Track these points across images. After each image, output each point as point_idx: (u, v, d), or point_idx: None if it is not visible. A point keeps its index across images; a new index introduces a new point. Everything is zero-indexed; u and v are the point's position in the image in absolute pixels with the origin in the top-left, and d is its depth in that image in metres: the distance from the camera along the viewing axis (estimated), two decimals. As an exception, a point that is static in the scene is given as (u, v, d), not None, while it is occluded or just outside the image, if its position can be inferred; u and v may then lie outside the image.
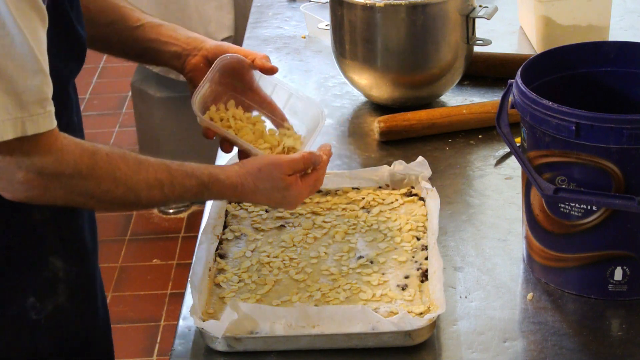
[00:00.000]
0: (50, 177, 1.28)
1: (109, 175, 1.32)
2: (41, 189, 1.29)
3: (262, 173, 1.43)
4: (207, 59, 1.60)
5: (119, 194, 1.34)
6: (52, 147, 1.27)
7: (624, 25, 2.29)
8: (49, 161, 1.27)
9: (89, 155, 1.30)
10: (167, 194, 1.37)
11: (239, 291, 1.44)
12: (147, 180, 1.35)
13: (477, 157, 1.81)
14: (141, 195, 1.36)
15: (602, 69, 1.51)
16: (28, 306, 1.46)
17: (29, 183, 1.27)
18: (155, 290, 3.26)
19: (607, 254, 1.40)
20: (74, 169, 1.29)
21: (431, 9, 1.87)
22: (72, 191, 1.31)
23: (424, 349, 1.34)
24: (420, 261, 1.48)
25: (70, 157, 1.29)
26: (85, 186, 1.31)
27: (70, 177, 1.29)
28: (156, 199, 1.38)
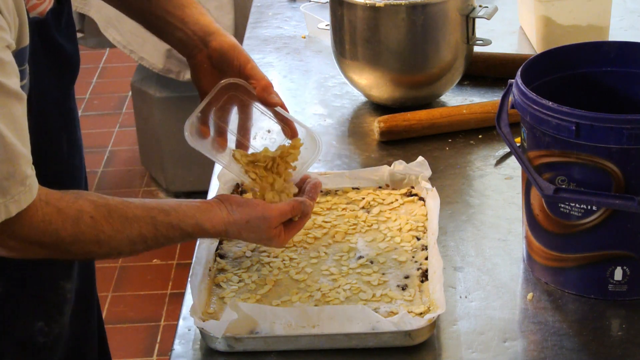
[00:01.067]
0: (32, 244, 1.28)
1: (92, 239, 1.31)
2: (22, 252, 1.30)
3: (249, 225, 1.42)
4: (211, 61, 1.53)
5: (101, 253, 1.34)
6: (33, 220, 1.26)
7: (624, 25, 2.29)
8: (31, 233, 1.26)
9: (71, 223, 1.29)
10: (150, 245, 1.37)
11: (239, 291, 1.44)
12: (130, 237, 1.34)
13: (477, 157, 1.81)
14: (123, 251, 1.36)
15: (602, 69, 1.51)
16: (36, 331, 1.47)
17: (9, 247, 1.28)
18: (155, 290, 3.26)
19: (607, 254, 1.40)
20: (57, 238, 1.28)
21: (431, 9, 1.87)
22: (54, 253, 1.31)
23: (424, 349, 1.34)
24: (420, 261, 1.48)
25: (52, 228, 1.28)
26: (67, 250, 1.31)
27: (52, 244, 1.29)
28: (139, 250, 1.38)
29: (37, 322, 1.47)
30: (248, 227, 1.41)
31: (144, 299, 3.20)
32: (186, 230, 1.38)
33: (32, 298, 1.46)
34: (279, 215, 1.43)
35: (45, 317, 1.47)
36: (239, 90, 1.53)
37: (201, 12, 1.55)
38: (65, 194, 1.30)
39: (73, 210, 1.29)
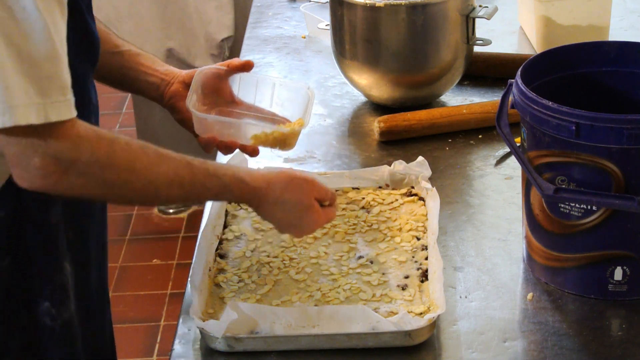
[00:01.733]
0: (67, 164, 1.24)
1: (128, 165, 1.29)
2: (58, 175, 1.25)
3: (292, 183, 1.41)
4: (185, 84, 1.62)
5: (138, 186, 1.30)
6: (68, 134, 1.24)
7: (624, 25, 2.29)
8: (66, 147, 1.24)
9: (107, 144, 1.27)
10: (187, 191, 1.34)
11: (239, 291, 1.44)
12: (167, 174, 1.32)
13: (477, 157, 1.81)
14: (160, 190, 1.33)
15: (602, 69, 1.51)
16: (43, 311, 1.46)
17: (46, 169, 1.24)
18: (155, 290, 3.26)
19: (607, 254, 1.40)
20: (91, 156, 1.25)
21: (431, 9, 1.87)
22: (89, 180, 1.27)
23: (424, 349, 1.34)
24: (420, 261, 1.48)
25: (87, 144, 1.25)
26: (103, 175, 1.27)
27: (87, 165, 1.25)
28: (175, 195, 1.35)
29: (43, 301, 1.46)
30: (290, 186, 1.40)
31: (144, 299, 3.20)
32: (224, 180, 1.36)
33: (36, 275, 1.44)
34: (321, 186, 1.43)
35: (50, 298, 1.46)
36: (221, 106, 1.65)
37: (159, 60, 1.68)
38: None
39: (109, 134, 1.29)
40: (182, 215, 3.61)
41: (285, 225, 1.44)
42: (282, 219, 1.43)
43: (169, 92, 1.63)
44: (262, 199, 1.41)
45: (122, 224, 3.57)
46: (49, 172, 1.24)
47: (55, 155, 1.23)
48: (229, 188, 1.38)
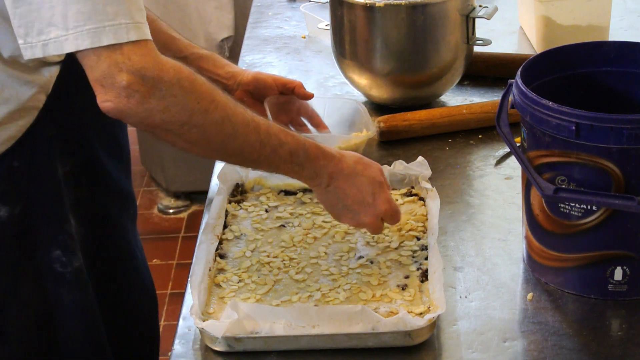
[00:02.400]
0: (151, 82, 1.26)
1: (209, 94, 1.31)
2: (141, 95, 1.26)
3: (362, 160, 1.44)
4: (249, 93, 1.71)
5: (216, 118, 1.31)
6: (152, 54, 1.27)
7: (624, 25, 2.29)
8: (150, 65, 1.26)
9: (189, 72, 1.30)
10: (263, 139, 1.35)
11: (239, 291, 1.44)
12: (244, 115, 1.34)
13: (477, 157, 1.81)
14: (237, 128, 1.33)
15: (602, 69, 1.51)
16: (54, 258, 1.49)
17: (131, 87, 1.25)
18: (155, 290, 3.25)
19: (607, 254, 1.40)
20: (174, 77, 1.27)
21: (431, 9, 1.87)
22: (170, 103, 1.27)
23: (424, 349, 1.34)
24: (420, 261, 1.48)
25: (170, 66, 1.28)
26: (184, 98, 1.28)
27: (170, 85, 1.27)
28: (251, 141, 1.34)
29: (54, 249, 1.49)
30: (362, 161, 1.43)
31: (144, 299, 3.20)
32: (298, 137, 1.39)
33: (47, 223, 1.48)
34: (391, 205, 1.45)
35: (61, 246, 1.50)
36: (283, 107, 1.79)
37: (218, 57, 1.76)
38: None
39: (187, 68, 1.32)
40: (182, 215, 3.61)
41: (356, 203, 1.42)
42: (355, 195, 1.42)
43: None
44: (336, 169, 1.41)
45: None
46: (133, 90, 1.25)
47: (140, 72, 1.25)
48: (304, 146, 1.38)
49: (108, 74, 1.25)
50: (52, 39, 1.24)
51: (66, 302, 1.52)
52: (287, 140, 1.37)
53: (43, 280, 1.50)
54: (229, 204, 1.63)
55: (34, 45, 1.25)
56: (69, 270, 1.51)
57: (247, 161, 1.38)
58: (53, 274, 1.50)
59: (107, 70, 1.25)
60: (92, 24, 1.23)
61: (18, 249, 1.47)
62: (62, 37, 1.24)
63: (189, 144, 1.33)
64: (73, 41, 1.24)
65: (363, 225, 1.46)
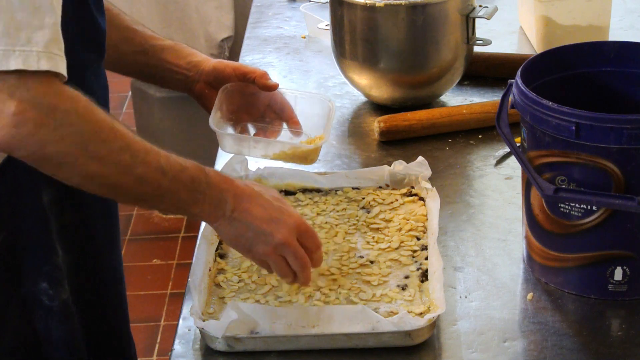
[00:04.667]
0: (45, 111, 1.18)
1: (107, 123, 1.24)
2: (33, 124, 1.17)
3: (260, 185, 1.41)
4: (209, 84, 1.66)
5: (114, 147, 1.24)
6: (52, 84, 1.20)
7: (624, 25, 2.29)
8: (47, 93, 1.18)
9: (86, 101, 1.23)
10: (164, 167, 1.28)
11: (239, 291, 1.44)
12: (144, 146, 1.28)
13: (477, 157, 1.81)
14: (138, 157, 1.26)
15: (602, 69, 1.51)
16: (41, 291, 1.46)
17: (21, 115, 1.17)
18: (155, 290, 3.26)
19: (607, 254, 1.40)
20: (71, 105, 1.20)
21: (431, 9, 1.87)
22: (67, 132, 1.20)
23: (424, 349, 1.34)
24: (420, 261, 1.48)
25: (68, 94, 1.21)
26: (81, 127, 1.21)
27: (66, 113, 1.20)
28: (151, 169, 1.28)
29: (41, 281, 1.45)
30: (260, 185, 1.40)
31: (144, 299, 3.20)
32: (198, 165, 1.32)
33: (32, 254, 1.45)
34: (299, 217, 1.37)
35: (47, 278, 1.46)
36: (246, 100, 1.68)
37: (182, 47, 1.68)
38: None
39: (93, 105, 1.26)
40: (182, 215, 3.61)
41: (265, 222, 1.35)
42: (262, 215, 1.35)
43: (195, 91, 1.67)
44: (238, 191, 1.35)
45: (122, 224, 3.56)
46: (24, 118, 1.17)
47: (34, 100, 1.17)
48: (205, 172, 1.33)
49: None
50: None
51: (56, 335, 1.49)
52: (187, 166, 1.31)
53: (30, 311, 1.47)
54: (228, 204, 1.63)
55: None
56: (56, 303, 1.47)
57: (146, 193, 1.30)
58: (41, 306, 1.47)
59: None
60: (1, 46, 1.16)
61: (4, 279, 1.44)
62: None
63: (85, 179, 1.26)
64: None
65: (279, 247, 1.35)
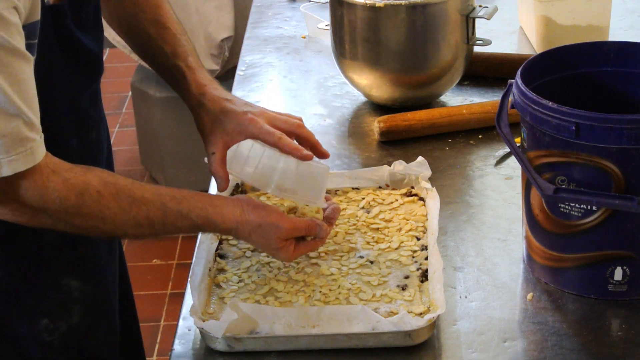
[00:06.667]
0: (36, 210, 1.30)
1: (97, 214, 1.33)
2: (29, 217, 1.31)
3: (260, 229, 1.41)
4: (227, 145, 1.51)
5: (106, 230, 1.35)
6: (35, 184, 1.28)
7: (624, 25, 2.29)
8: (34, 196, 1.28)
9: (76, 194, 1.30)
10: (157, 231, 1.38)
11: (239, 291, 1.44)
12: (137, 219, 1.35)
13: (477, 157, 1.81)
14: (128, 232, 1.38)
15: (602, 69, 1.51)
16: (41, 328, 1.46)
17: (17, 211, 1.30)
18: (155, 290, 3.26)
19: (607, 254, 1.40)
20: (60, 206, 1.30)
21: (431, 9, 1.87)
22: (59, 223, 1.33)
23: (424, 349, 1.34)
24: (420, 261, 1.48)
25: (55, 195, 1.29)
26: (71, 221, 1.32)
27: (56, 212, 1.30)
28: (145, 234, 1.39)
29: (42, 319, 1.46)
30: (259, 231, 1.41)
31: (144, 299, 3.20)
32: (195, 221, 1.38)
33: (34, 294, 1.45)
34: (292, 229, 1.42)
35: (49, 314, 1.46)
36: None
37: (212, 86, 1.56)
38: (75, 166, 1.32)
39: (80, 182, 1.31)
40: (182, 215, 3.61)
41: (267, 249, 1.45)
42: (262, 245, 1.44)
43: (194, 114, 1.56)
44: (235, 236, 1.44)
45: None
46: (20, 213, 1.31)
47: (24, 203, 1.29)
48: (200, 228, 1.41)
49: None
50: None
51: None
52: (182, 226, 1.39)
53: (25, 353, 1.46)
54: (229, 204, 1.63)
55: None
56: (57, 336, 1.48)
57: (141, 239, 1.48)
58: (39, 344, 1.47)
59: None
60: None
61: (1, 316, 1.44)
62: None
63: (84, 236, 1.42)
64: None
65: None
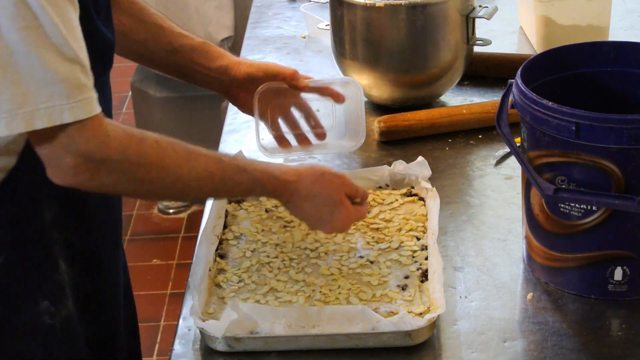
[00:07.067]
0: (97, 162, 1.27)
1: (158, 162, 1.31)
2: (89, 173, 1.27)
3: (322, 178, 1.42)
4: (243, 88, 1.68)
5: (168, 183, 1.33)
6: (97, 133, 1.26)
7: (624, 25, 2.29)
8: (95, 146, 1.26)
9: (136, 142, 1.30)
10: (218, 186, 1.37)
11: (239, 291, 1.44)
12: (197, 170, 1.34)
13: (477, 157, 1.81)
14: (190, 186, 1.35)
15: (602, 69, 1.51)
16: (42, 310, 1.45)
17: (77, 168, 1.26)
18: (155, 290, 3.26)
19: (607, 254, 1.40)
20: (121, 155, 1.28)
21: (431, 9, 1.87)
22: (120, 177, 1.30)
23: (424, 349, 1.34)
24: (420, 261, 1.48)
25: (116, 143, 1.28)
26: (133, 172, 1.30)
27: (117, 163, 1.28)
28: (206, 190, 1.38)
29: (42, 300, 1.45)
30: (321, 180, 1.41)
31: (144, 299, 3.20)
32: (254, 174, 1.38)
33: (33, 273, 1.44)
34: (351, 184, 1.44)
35: (49, 296, 1.45)
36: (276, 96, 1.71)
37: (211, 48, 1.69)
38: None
39: (138, 132, 1.31)
40: (182, 215, 3.61)
41: (315, 221, 1.44)
42: (312, 214, 1.43)
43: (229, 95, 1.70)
44: (293, 193, 1.41)
45: (123, 224, 3.57)
46: (80, 170, 1.27)
47: (86, 154, 1.26)
48: (260, 182, 1.39)
49: (53, 155, 1.25)
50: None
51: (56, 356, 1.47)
52: (242, 181, 1.38)
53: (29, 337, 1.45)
54: (229, 204, 1.63)
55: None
56: (59, 320, 1.46)
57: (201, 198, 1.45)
58: (42, 327, 1.45)
59: (52, 151, 1.25)
60: (25, 108, 1.21)
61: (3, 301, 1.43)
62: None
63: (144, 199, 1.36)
64: (6, 125, 1.22)
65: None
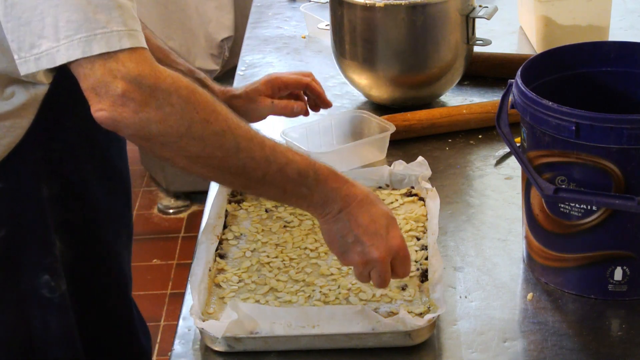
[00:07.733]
0: (148, 90, 1.20)
1: (209, 104, 1.24)
2: (138, 102, 1.19)
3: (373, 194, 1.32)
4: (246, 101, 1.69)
5: (216, 129, 1.23)
6: (149, 61, 1.22)
7: (624, 25, 2.29)
8: (147, 71, 1.21)
9: (187, 81, 1.24)
10: (269, 156, 1.25)
11: (239, 291, 1.44)
12: (248, 129, 1.26)
13: (477, 157, 1.81)
14: (240, 143, 1.24)
15: (602, 69, 1.51)
16: (42, 284, 1.46)
17: (127, 95, 1.19)
18: (155, 290, 3.25)
19: (607, 254, 1.40)
20: (172, 85, 1.21)
21: (431, 9, 1.87)
22: (168, 112, 1.21)
23: (424, 349, 1.34)
24: (420, 261, 1.48)
25: (167, 74, 1.23)
26: (182, 108, 1.22)
27: (168, 94, 1.21)
28: (256, 156, 1.25)
29: (43, 274, 1.45)
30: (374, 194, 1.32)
31: (144, 299, 3.20)
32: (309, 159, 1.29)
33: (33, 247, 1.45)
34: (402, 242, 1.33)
35: (49, 270, 1.46)
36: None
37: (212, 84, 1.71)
38: None
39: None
40: (182, 215, 3.61)
41: (368, 234, 1.31)
42: (368, 225, 1.31)
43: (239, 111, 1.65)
44: (350, 192, 1.30)
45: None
46: (129, 98, 1.20)
47: (136, 79, 1.20)
48: (315, 167, 1.29)
49: (102, 81, 1.20)
50: (44, 52, 1.20)
51: (53, 328, 1.48)
52: (295, 159, 1.27)
53: (27, 307, 1.47)
54: (228, 204, 1.63)
55: (28, 60, 1.21)
56: (57, 295, 1.47)
57: (251, 180, 1.27)
58: (40, 300, 1.47)
59: (102, 77, 1.20)
60: (83, 33, 1.19)
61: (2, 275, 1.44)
62: (53, 48, 1.19)
63: (188, 161, 1.26)
64: (65, 52, 1.19)
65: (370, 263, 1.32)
